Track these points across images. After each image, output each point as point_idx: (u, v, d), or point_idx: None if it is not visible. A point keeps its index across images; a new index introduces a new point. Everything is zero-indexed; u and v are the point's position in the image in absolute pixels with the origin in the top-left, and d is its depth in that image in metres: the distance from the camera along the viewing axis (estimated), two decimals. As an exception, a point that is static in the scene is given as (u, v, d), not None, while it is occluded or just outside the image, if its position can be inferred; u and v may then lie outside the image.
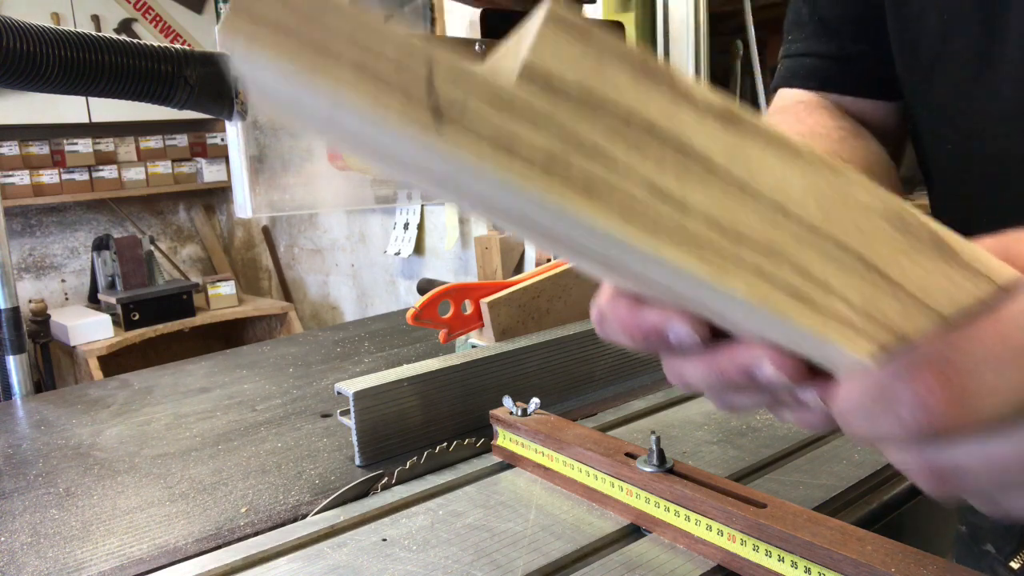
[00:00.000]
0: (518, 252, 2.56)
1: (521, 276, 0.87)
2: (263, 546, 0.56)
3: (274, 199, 0.68)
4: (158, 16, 3.50)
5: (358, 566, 0.53)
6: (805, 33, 0.61)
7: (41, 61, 0.53)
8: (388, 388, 0.70)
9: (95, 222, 3.61)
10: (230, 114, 0.64)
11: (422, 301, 0.78)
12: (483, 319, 0.83)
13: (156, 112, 3.24)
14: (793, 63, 0.61)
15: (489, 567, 0.51)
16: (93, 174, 3.37)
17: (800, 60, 0.61)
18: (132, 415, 0.91)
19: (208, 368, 1.09)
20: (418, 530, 0.57)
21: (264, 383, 1.00)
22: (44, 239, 3.49)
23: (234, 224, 4.03)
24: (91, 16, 3.30)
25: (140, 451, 0.79)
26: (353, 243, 3.39)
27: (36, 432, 0.88)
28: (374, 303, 3.36)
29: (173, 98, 0.60)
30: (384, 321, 1.33)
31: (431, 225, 2.93)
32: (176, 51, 0.60)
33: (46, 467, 0.76)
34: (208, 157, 3.69)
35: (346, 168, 0.80)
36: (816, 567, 0.45)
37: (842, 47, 0.59)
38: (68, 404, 0.97)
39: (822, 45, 0.60)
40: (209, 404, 0.93)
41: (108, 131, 3.42)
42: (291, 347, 1.18)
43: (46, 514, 0.66)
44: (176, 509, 0.65)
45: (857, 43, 0.58)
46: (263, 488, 0.68)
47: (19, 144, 3.21)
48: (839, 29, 0.59)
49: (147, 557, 0.58)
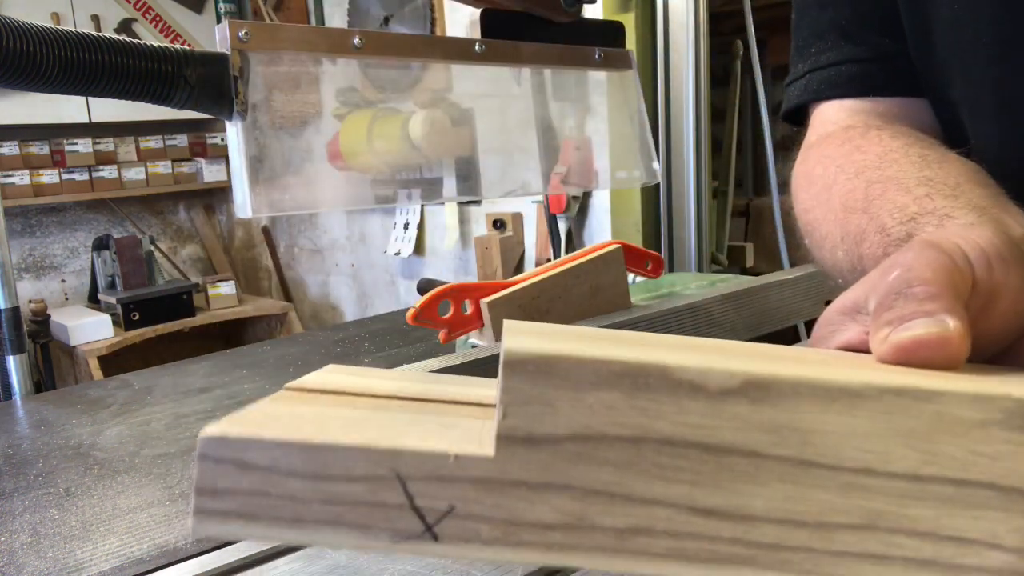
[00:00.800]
0: (518, 252, 2.56)
1: (521, 276, 0.87)
2: (263, 546, 0.56)
3: (274, 199, 0.68)
4: (158, 16, 3.50)
5: (358, 566, 0.53)
6: (829, 43, 0.58)
7: (41, 61, 0.53)
8: (388, 388, 0.70)
9: (95, 222, 3.61)
10: (230, 114, 0.64)
11: (422, 301, 0.78)
12: (483, 319, 0.83)
13: (156, 112, 3.24)
14: (826, 74, 0.58)
15: (489, 567, 0.51)
16: (93, 174, 3.37)
17: (835, 69, 0.57)
18: (132, 415, 0.91)
19: (208, 368, 1.09)
20: (418, 530, 0.57)
21: (264, 383, 1.00)
22: (44, 239, 3.49)
23: (234, 224, 4.03)
24: (91, 16, 3.30)
25: (140, 451, 0.79)
26: (353, 243, 3.39)
27: (36, 432, 0.88)
28: (374, 303, 3.36)
29: (173, 98, 0.60)
30: (384, 321, 1.33)
31: (431, 225, 2.93)
32: (176, 51, 0.60)
33: (46, 467, 0.76)
34: (208, 157, 3.69)
35: (346, 168, 0.80)
36: (816, 567, 0.45)
37: (876, 49, 0.56)
38: (68, 404, 0.97)
39: (855, 51, 0.57)
40: (209, 404, 0.93)
41: (108, 131, 3.42)
42: (291, 347, 1.18)
43: (46, 514, 0.66)
44: (176, 509, 0.65)
45: (890, 42, 0.55)
46: (263, 488, 0.68)
47: (19, 144, 3.21)
48: (866, 34, 0.56)
49: (147, 557, 0.58)
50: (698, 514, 0.18)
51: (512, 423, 0.18)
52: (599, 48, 0.89)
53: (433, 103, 0.86)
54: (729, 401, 0.18)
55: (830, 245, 0.48)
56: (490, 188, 0.91)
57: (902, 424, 0.19)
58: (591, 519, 0.18)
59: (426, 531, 0.18)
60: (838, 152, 0.52)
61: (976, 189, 0.41)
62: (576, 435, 0.18)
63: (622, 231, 2.27)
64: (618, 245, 0.94)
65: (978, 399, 0.19)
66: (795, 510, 0.19)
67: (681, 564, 0.18)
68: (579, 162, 1.06)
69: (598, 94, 0.95)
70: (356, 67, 0.75)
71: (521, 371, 0.18)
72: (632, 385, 0.18)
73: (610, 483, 0.18)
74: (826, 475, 0.19)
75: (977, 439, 0.19)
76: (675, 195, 2.23)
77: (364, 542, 0.18)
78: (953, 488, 0.19)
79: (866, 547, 0.19)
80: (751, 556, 0.18)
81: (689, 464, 0.18)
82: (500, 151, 0.92)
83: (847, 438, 0.19)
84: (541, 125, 0.93)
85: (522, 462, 0.18)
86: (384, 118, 0.85)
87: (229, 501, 0.18)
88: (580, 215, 2.34)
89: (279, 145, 0.68)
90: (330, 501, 0.18)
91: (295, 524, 0.18)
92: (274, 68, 0.67)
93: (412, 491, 0.18)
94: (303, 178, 0.72)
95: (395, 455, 0.18)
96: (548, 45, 0.83)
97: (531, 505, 0.18)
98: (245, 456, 0.18)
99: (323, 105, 0.75)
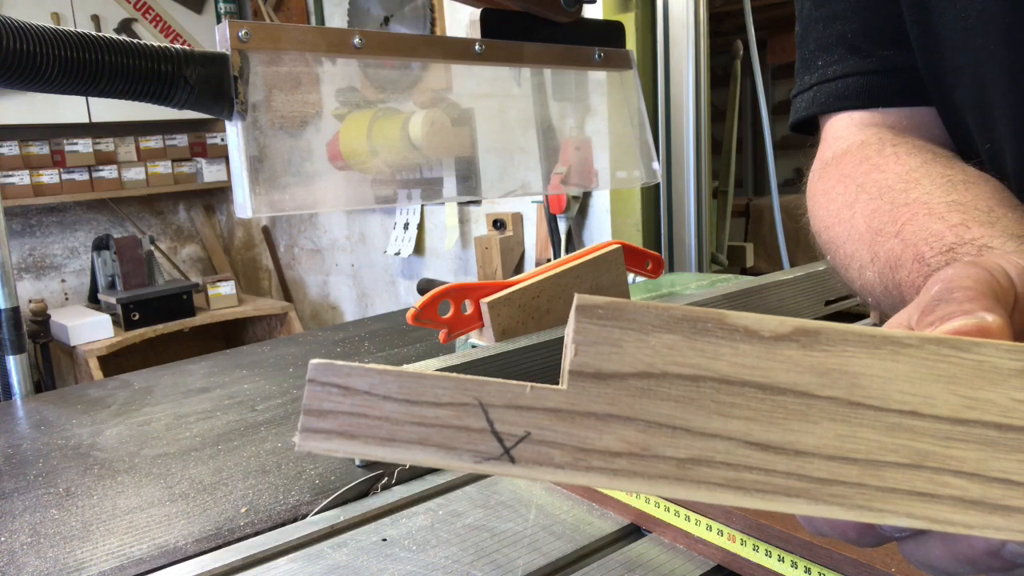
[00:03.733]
0: (518, 252, 2.56)
1: (521, 276, 0.87)
2: (263, 546, 0.56)
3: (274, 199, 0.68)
4: (158, 16, 3.50)
5: (358, 566, 0.53)
6: (837, 56, 0.58)
7: (41, 61, 0.53)
8: (388, 388, 0.70)
9: (95, 222, 3.61)
10: (230, 114, 0.64)
11: (422, 301, 0.78)
12: (483, 319, 0.83)
13: (156, 112, 3.25)
14: (834, 86, 0.59)
15: (489, 567, 0.51)
16: (93, 174, 3.37)
17: (842, 82, 0.58)
18: (132, 415, 0.91)
19: (208, 368, 1.09)
20: (418, 530, 0.57)
21: (264, 383, 1.00)
22: (44, 239, 3.49)
23: (234, 224, 4.03)
24: (91, 16, 3.30)
25: (140, 451, 0.79)
26: (353, 243, 3.39)
27: (36, 432, 0.88)
28: (374, 303, 3.36)
29: (173, 98, 0.60)
30: (384, 321, 1.33)
31: (431, 225, 2.93)
32: (176, 51, 0.60)
33: (46, 467, 0.76)
34: (208, 157, 3.69)
35: (346, 168, 0.80)
36: (816, 567, 0.45)
37: (883, 62, 0.56)
38: (68, 404, 0.97)
39: (862, 63, 0.57)
40: (209, 404, 0.93)
41: (108, 131, 3.42)
42: (291, 347, 1.18)
43: (46, 514, 0.66)
44: (176, 509, 0.65)
45: (897, 55, 0.55)
46: (263, 488, 0.68)
47: (19, 144, 3.21)
48: (874, 47, 0.57)
49: (147, 557, 0.58)
50: (754, 448, 0.20)
51: (583, 360, 0.20)
52: (599, 48, 0.89)
53: (433, 103, 0.86)
54: (781, 345, 0.20)
55: (858, 265, 0.48)
56: (490, 188, 0.91)
57: (944, 371, 0.20)
58: (654, 449, 0.20)
59: (504, 453, 0.20)
60: (857, 171, 0.52)
61: (1010, 214, 0.41)
62: (640, 372, 0.20)
63: (622, 231, 2.27)
64: (618, 245, 0.94)
65: (1014, 349, 0.21)
66: (845, 448, 0.20)
67: (738, 494, 0.20)
68: (579, 162, 1.06)
69: (598, 94, 0.95)
70: (356, 67, 0.75)
71: (592, 314, 0.20)
72: (692, 329, 0.20)
73: (672, 416, 0.20)
74: (873, 416, 0.20)
75: (1016, 387, 0.20)
76: (675, 195, 2.23)
77: (449, 461, 0.20)
78: (996, 432, 0.20)
79: (914, 485, 0.20)
80: (804, 489, 0.20)
81: (745, 401, 0.20)
82: (500, 151, 0.92)
83: (892, 382, 0.20)
84: (541, 125, 0.93)
85: (591, 395, 0.20)
86: (384, 118, 0.85)
87: (332, 421, 0.21)
88: (580, 215, 2.34)
89: (279, 145, 0.68)
90: (420, 423, 0.20)
91: (388, 443, 0.21)
92: (274, 68, 0.67)
93: (493, 417, 0.20)
94: (303, 178, 0.72)
95: (480, 384, 0.20)
96: (548, 45, 0.84)
97: (599, 434, 0.20)
98: (348, 381, 0.21)
99: (323, 105, 0.75)
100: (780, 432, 0.20)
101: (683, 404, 0.20)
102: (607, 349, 0.20)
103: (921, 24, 0.53)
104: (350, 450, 0.21)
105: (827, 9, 0.59)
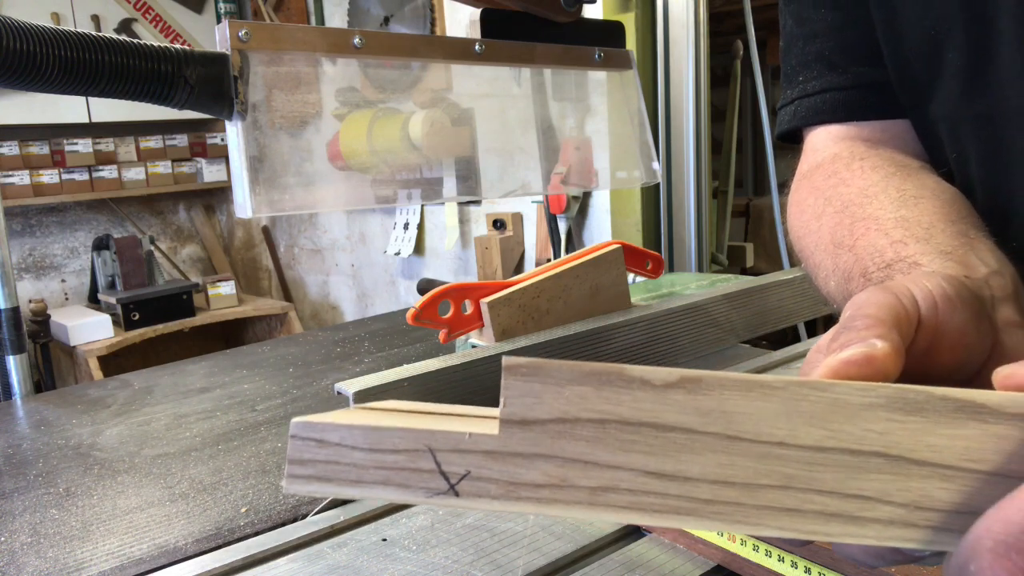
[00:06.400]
0: (518, 252, 2.56)
1: (521, 276, 0.87)
2: (263, 546, 0.56)
3: (274, 199, 0.68)
4: (158, 16, 3.50)
5: (358, 566, 0.53)
6: (815, 72, 0.61)
7: (41, 61, 0.53)
8: (388, 388, 0.70)
9: (95, 222, 3.61)
10: (230, 114, 0.64)
11: (422, 301, 0.78)
12: (483, 319, 0.83)
13: (156, 112, 3.25)
14: (812, 101, 0.61)
15: (489, 567, 0.51)
16: (93, 174, 3.37)
17: (820, 97, 0.60)
18: (132, 415, 0.91)
19: (208, 368, 1.09)
20: (418, 530, 0.57)
21: (264, 383, 1.00)
22: (44, 239, 3.49)
23: (234, 224, 4.03)
24: (91, 16, 3.30)
25: (140, 451, 0.79)
26: (353, 243, 3.39)
27: (36, 432, 0.88)
28: (374, 303, 3.36)
29: (173, 98, 0.60)
30: (384, 321, 1.33)
31: (431, 225, 2.93)
32: (176, 51, 0.60)
33: (46, 467, 0.76)
34: (208, 157, 3.69)
35: (346, 168, 0.80)
36: (816, 567, 0.45)
37: (858, 78, 0.59)
38: (68, 404, 0.97)
39: (839, 79, 0.59)
40: (209, 404, 0.93)
41: (108, 131, 3.42)
42: (291, 347, 1.18)
43: (46, 514, 0.66)
44: (176, 509, 0.65)
45: (872, 71, 0.58)
46: (263, 488, 0.68)
47: (19, 144, 3.21)
48: (850, 64, 0.59)
49: (147, 557, 0.58)
50: (651, 476, 0.24)
51: (511, 410, 0.24)
52: (599, 48, 0.89)
53: (433, 103, 0.86)
54: (671, 391, 0.24)
55: (823, 275, 0.51)
56: (490, 188, 0.91)
57: (806, 408, 0.24)
58: (571, 480, 0.24)
59: (450, 489, 0.25)
60: (826, 184, 0.55)
61: (948, 228, 0.43)
62: (557, 418, 0.24)
63: (622, 231, 2.27)
64: (618, 245, 0.94)
65: (863, 388, 0.24)
66: (725, 473, 0.24)
67: (640, 514, 0.24)
68: (579, 162, 1.06)
69: (598, 94, 0.95)
70: (356, 67, 0.75)
71: (517, 372, 0.24)
72: (598, 380, 0.24)
73: (584, 453, 0.24)
74: (748, 447, 0.24)
75: (867, 418, 0.24)
76: (675, 195, 2.23)
77: (407, 497, 0.25)
78: (851, 457, 0.24)
79: (784, 503, 0.24)
80: (694, 508, 0.24)
81: (643, 439, 0.24)
82: (500, 151, 0.92)
83: (763, 419, 0.24)
84: (541, 125, 0.93)
85: (518, 439, 0.24)
86: (384, 118, 0.85)
87: (311, 468, 0.26)
88: (580, 215, 2.34)
89: (279, 145, 0.68)
90: (382, 467, 0.25)
91: (357, 484, 0.25)
92: (274, 68, 0.67)
93: (440, 460, 0.25)
94: (303, 178, 0.72)
95: (429, 433, 0.25)
96: (548, 45, 0.84)
97: (526, 470, 0.24)
98: (323, 435, 0.25)
99: (323, 105, 0.75)
100: (672, 463, 0.24)
101: (593, 443, 0.24)
102: (530, 400, 0.24)
103: (891, 41, 0.55)
104: (327, 491, 0.26)
105: (807, 28, 0.61)
